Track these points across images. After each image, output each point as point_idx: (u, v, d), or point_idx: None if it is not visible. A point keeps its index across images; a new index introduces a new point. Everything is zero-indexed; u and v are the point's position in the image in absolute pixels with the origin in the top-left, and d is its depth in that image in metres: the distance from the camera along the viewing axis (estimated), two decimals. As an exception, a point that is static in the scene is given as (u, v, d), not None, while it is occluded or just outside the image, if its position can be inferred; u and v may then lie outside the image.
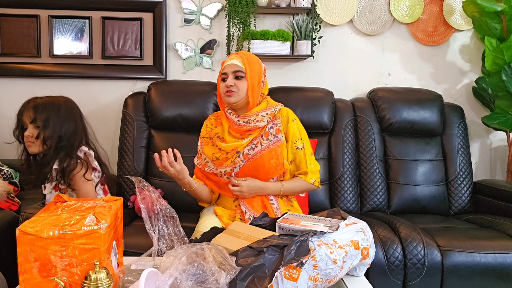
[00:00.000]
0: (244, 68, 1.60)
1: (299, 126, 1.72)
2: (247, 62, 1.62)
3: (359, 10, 2.54)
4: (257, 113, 1.64)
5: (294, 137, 1.67)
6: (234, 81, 1.60)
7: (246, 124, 1.62)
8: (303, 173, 1.67)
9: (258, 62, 1.67)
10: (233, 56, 1.65)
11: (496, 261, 1.66)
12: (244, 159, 1.60)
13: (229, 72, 1.62)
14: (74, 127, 1.72)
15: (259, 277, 0.95)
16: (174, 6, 2.48)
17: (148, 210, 1.18)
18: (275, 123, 1.67)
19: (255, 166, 1.61)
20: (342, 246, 1.04)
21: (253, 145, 1.62)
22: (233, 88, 1.60)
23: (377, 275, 1.65)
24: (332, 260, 1.00)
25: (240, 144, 1.62)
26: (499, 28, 2.32)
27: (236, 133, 1.65)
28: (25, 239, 0.89)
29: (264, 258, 0.97)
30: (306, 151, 1.68)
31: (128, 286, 0.96)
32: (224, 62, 1.68)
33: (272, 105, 1.69)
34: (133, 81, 2.50)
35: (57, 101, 1.73)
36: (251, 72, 1.61)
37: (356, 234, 1.12)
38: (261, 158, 1.60)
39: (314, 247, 1.00)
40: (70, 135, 1.69)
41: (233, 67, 1.62)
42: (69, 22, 2.43)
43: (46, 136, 1.65)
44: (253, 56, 1.68)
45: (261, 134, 1.64)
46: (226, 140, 1.65)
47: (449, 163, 2.28)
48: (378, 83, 2.61)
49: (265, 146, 1.62)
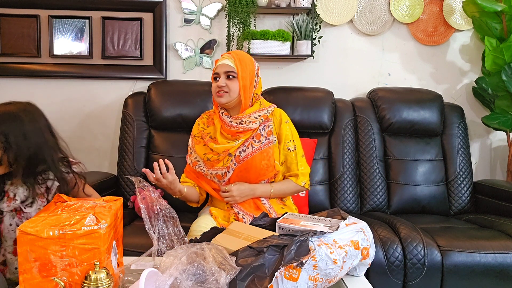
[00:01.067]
0: (236, 69, 1.60)
1: (292, 127, 1.72)
2: (239, 62, 1.61)
3: (359, 10, 2.54)
4: (250, 115, 1.63)
5: (286, 138, 1.67)
6: (225, 81, 1.60)
7: (238, 125, 1.62)
8: (293, 175, 1.67)
9: (251, 62, 1.66)
10: (226, 56, 1.64)
11: (496, 261, 1.66)
12: (236, 162, 1.60)
13: (221, 72, 1.62)
14: (43, 140, 1.36)
15: (259, 277, 0.95)
16: (174, 6, 2.48)
17: (148, 210, 1.18)
18: (267, 124, 1.66)
19: (246, 168, 1.60)
20: (342, 246, 1.04)
21: (244, 147, 1.61)
22: (224, 89, 1.60)
23: (377, 275, 1.65)
24: (332, 260, 1.00)
25: (231, 146, 1.61)
26: (499, 28, 2.32)
27: (227, 134, 1.65)
28: (25, 239, 0.89)
29: (264, 258, 0.97)
30: (297, 152, 1.68)
31: (128, 286, 0.96)
32: (217, 61, 1.67)
33: (265, 107, 1.69)
34: (133, 81, 2.50)
35: (16, 110, 1.34)
36: (243, 72, 1.61)
37: (356, 234, 1.12)
38: (252, 160, 1.60)
39: (314, 247, 1.00)
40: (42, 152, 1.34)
41: (224, 67, 1.61)
42: (69, 22, 2.43)
43: (11, 159, 1.29)
44: (246, 55, 1.67)
45: (253, 136, 1.63)
46: (218, 141, 1.65)
47: (449, 163, 2.28)
48: (378, 83, 2.61)
49: (256, 148, 1.62)
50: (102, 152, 2.53)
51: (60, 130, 2.48)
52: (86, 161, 2.49)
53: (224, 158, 1.62)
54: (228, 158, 1.61)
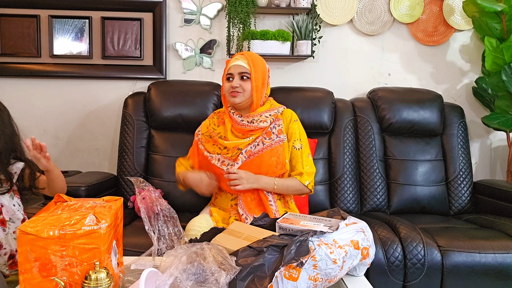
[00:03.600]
0: (250, 70, 1.64)
1: (300, 127, 1.74)
2: (252, 63, 1.65)
3: (359, 10, 2.54)
4: (261, 114, 1.67)
5: (293, 137, 1.70)
6: (239, 82, 1.64)
7: (249, 124, 1.65)
8: (298, 173, 1.68)
9: (262, 63, 1.70)
10: (239, 57, 1.68)
11: (496, 261, 1.66)
12: (247, 156, 1.62)
13: (235, 73, 1.65)
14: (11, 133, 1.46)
15: (259, 277, 0.95)
16: (174, 6, 2.48)
17: (148, 210, 1.18)
18: (278, 123, 1.69)
19: (257, 164, 1.62)
20: (342, 246, 1.04)
21: (255, 143, 1.64)
22: (238, 89, 1.64)
23: (377, 275, 1.65)
24: (332, 260, 1.00)
25: (241, 142, 1.65)
26: (499, 28, 2.32)
27: (239, 132, 1.68)
28: (25, 239, 0.89)
29: (264, 258, 0.97)
30: (303, 152, 1.69)
31: (128, 286, 0.96)
32: (229, 61, 1.70)
33: (276, 107, 1.73)
34: (133, 81, 2.50)
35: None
36: (256, 73, 1.65)
37: (356, 234, 1.12)
38: (262, 156, 1.62)
39: (314, 247, 1.00)
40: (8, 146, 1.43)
41: (239, 68, 1.64)
42: (69, 22, 2.43)
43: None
44: (258, 57, 1.70)
45: (263, 133, 1.66)
46: (228, 139, 1.67)
47: (449, 163, 2.28)
48: (378, 83, 2.61)
49: (267, 145, 1.64)
50: (102, 152, 2.53)
51: (60, 130, 2.51)
52: (86, 161, 2.52)
53: (234, 152, 1.64)
54: (238, 152, 1.64)
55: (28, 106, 2.47)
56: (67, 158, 2.52)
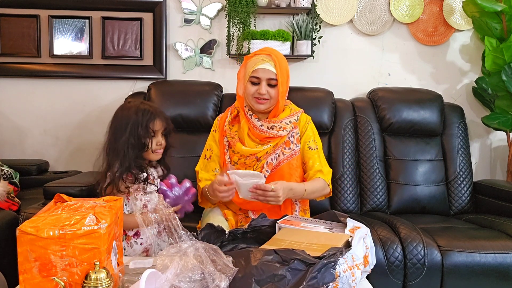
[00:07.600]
0: (277, 75, 1.52)
1: (314, 129, 1.69)
2: (279, 67, 1.53)
3: (359, 10, 2.53)
4: (282, 120, 1.59)
5: (307, 138, 1.63)
6: (267, 89, 1.53)
7: (269, 130, 1.56)
8: (318, 170, 1.59)
9: (286, 65, 1.59)
10: (266, 59, 1.53)
11: (496, 261, 1.66)
12: (269, 169, 1.55)
13: (263, 78, 1.53)
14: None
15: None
16: (174, 6, 2.48)
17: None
18: (295, 131, 1.62)
19: (279, 175, 1.55)
20: (358, 265, 1.02)
21: (276, 154, 1.56)
22: (265, 96, 1.54)
23: (377, 275, 1.65)
24: (351, 287, 0.98)
25: (259, 150, 1.56)
26: (499, 28, 2.32)
27: (256, 137, 1.59)
28: (25, 239, 0.89)
29: (287, 270, 0.94)
30: (319, 152, 1.64)
31: (128, 286, 0.96)
32: (250, 58, 1.57)
33: (295, 111, 1.65)
34: (133, 81, 2.50)
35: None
36: (282, 77, 1.54)
37: (363, 246, 1.10)
38: (283, 169, 1.56)
39: (340, 273, 0.95)
40: None
41: (267, 74, 1.52)
42: (69, 22, 2.43)
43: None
44: (283, 57, 1.58)
45: (283, 143, 1.58)
46: (245, 143, 1.58)
47: (449, 163, 2.28)
48: (378, 83, 2.61)
49: (287, 156, 1.58)
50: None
51: (60, 130, 2.51)
52: (86, 161, 2.51)
53: (252, 163, 1.57)
54: (257, 163, 1.56)
55: (28, 106, 2.47)
56: (67, 158, 2.52)
